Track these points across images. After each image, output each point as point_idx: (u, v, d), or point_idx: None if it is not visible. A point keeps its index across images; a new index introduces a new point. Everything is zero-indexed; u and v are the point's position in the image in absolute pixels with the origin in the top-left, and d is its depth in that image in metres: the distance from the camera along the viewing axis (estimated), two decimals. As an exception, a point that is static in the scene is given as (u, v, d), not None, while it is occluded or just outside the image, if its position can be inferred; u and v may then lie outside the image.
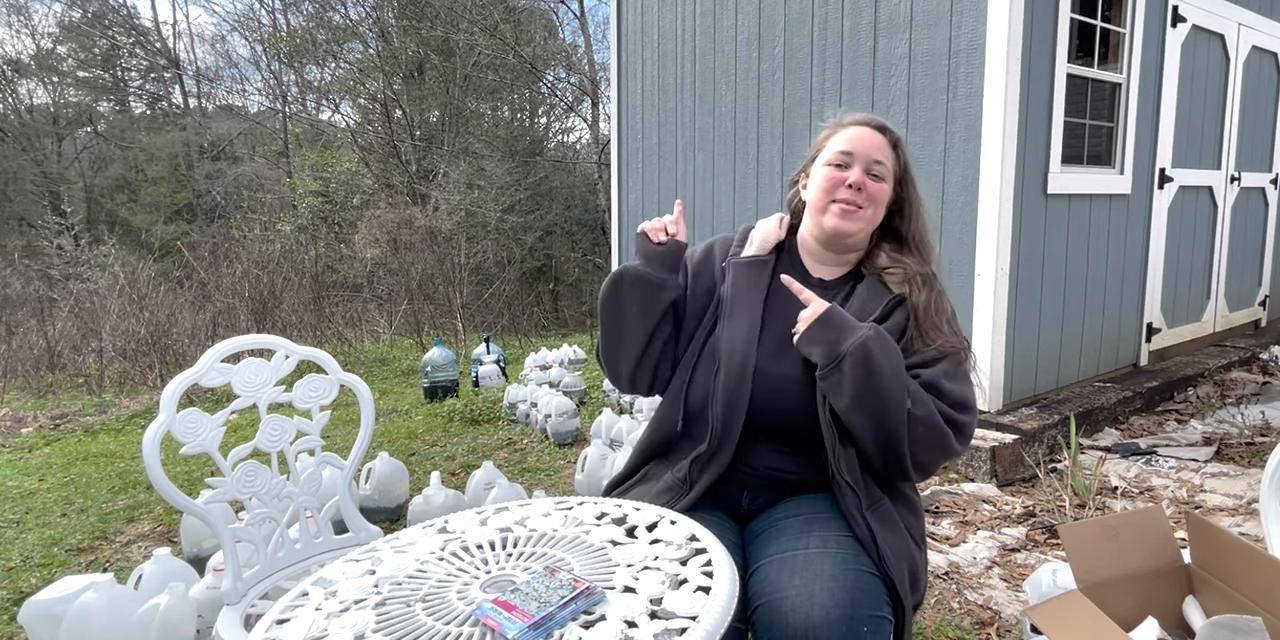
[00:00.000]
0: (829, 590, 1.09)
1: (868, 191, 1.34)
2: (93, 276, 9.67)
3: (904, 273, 1.35)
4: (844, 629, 1.05)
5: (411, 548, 1.18)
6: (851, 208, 1.33)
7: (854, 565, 1.15)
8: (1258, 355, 4.51)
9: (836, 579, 1.11)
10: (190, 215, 18.28)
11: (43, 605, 1.87)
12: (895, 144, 1.39)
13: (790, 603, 1.08)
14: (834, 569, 1.13)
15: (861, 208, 1.33)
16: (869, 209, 1.35)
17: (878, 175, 1.35)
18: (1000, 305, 3.23)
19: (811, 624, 1.05)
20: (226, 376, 1.61)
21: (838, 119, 1.45)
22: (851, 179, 1.33)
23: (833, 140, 1.39)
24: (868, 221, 1.36)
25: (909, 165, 1.42)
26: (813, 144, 1.47)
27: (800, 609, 1.07)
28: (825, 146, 1.40)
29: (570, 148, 17.79)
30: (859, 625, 1.06)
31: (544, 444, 3.87)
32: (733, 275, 1.40)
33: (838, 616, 1.05)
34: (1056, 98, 3.32)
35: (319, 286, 9.65)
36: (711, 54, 4.88)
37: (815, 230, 1.40)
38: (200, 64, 21.38)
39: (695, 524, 1.20)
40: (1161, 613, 1.42)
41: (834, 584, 1.10)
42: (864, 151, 1.35)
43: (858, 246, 1.41)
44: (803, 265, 1.44)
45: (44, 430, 5.09)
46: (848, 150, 1.35)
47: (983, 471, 2.98)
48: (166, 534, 2.93)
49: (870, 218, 1.36)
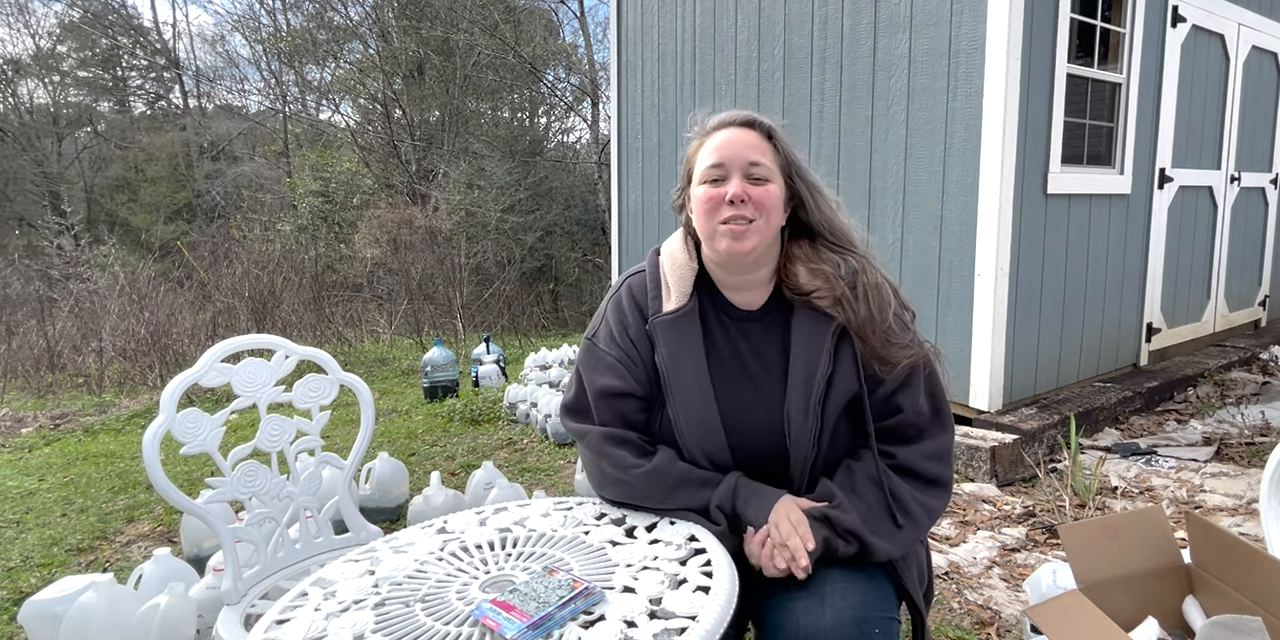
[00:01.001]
0: (840, 591, 1.09)
1: (754, 200, 1.18)
2: (93, 276, 9.67)
3: (830, 291, 1.20)
4: (855, 631, 1.04)
5: (411, 548, 1.18)
6: (741, 224, 1.18)
7: (860, 570, 1.15)
8: (1258, 355, 4.51)
9: (849, 582, 1.12)
10: (190, 215, 18.29)
11: (43, 605, 1.87)
12: (770, 134, 1.24)
13: (801, 604, 1.08)
14: (842, 571, 1.13)
15: (752, 220, 1.18)
16: (761, 219, 1.19)
17: (759, 178, 1.20)
18: (1000, 305, 3.23)
19: (824, 625, 1.04)
20: (226, 376, 1.61)
21: (701, 125, 1.29)
22: (730, 193, 1.18)
23: (701, 153, 1.24)
24: (763, 232, 1.20)
25: (790, 152, 1.25)
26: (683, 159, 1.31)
27: (811, 610, 1.07)
28: (695, 161, 1.26)
29: (570, 148, 17.81)
30: (870, 626, 1.06)
31: (544, 444, 3.87)
32: (662, 339, 1.23)
33: (849, 618, 1.05)
34: (1056, 98, 3.32)
35: (319, 286, 9.65)
36: (711, 54, 4.88)
37: (714, 257, 1.25)
38: (200, 64, 21.41)
39: (695, 524, 1.20)
40: (1161, 613, 1.42)
41: (845, 586, 1.10)
42: (737, 157, 1.20)
43: (768, 257, 1.26)
44: (723, 298, 1.29)
45: (44, 430, 5.09)
46: (718, 161, 1.20)
47: (983, 471, 2.98)
48: (166, 534, 2.93)
49: (765, 227, 1.20)
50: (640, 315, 1.28)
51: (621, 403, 1.26)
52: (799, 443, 1.21)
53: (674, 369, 1.23)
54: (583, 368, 1.31)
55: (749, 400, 1.23)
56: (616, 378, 1.26)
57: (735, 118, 1.26)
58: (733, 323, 1.27)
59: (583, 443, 1.30)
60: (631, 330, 1.27)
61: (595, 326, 1.33)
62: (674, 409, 1.23)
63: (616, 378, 1.26)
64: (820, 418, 1.20)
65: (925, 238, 3.43)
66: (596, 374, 1.28)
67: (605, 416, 1.27)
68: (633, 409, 1.27)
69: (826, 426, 1.22)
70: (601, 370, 1.27)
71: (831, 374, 1.20)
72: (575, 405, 1.32)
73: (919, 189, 3.43)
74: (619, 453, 1.24)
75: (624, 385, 1.25)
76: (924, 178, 3.40)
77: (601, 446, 1.26)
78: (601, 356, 1.28)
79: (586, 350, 1.32)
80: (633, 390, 1.26)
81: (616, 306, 1.31)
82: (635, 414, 1.27)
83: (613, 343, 1.28)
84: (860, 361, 1.21)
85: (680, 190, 1.32)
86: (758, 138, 1.23)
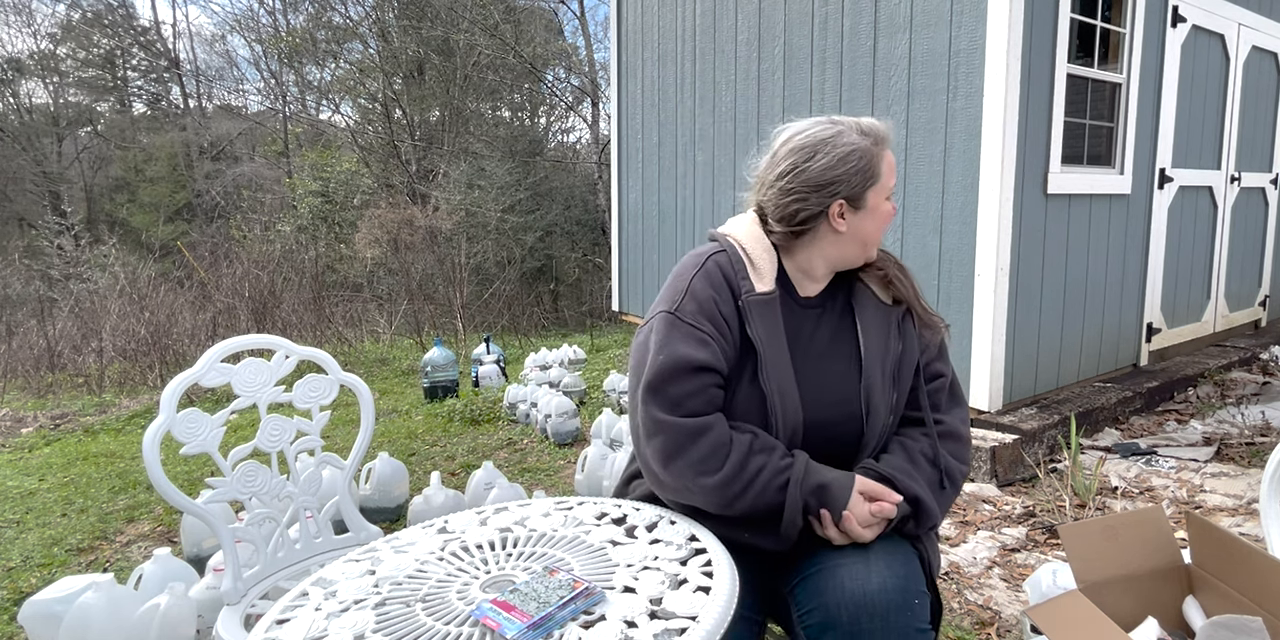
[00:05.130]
0: (884, 563, 1.15)
1: None
2: (93, 276, 9.68)
3: (881, 273, 1.37)
4: (900, 599, 1.10)
5: (411, 548, 1.18)
6: None
7: (900, 544, 1.22)
8: (1258, 355, 4.50)
9: (891, 553, 1.17)
10: (190, 215, 18.30)
11: (43, 605, 1.87)
12: None
13: (847, 569, 1.13)
14: (884, 544, 1.19)
15: None
16: None
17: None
18: (1000, 305, 3.23)
19: (869, 590, 1.10)
20: (226, 376, 1.61)
21: (876, 135, 1.30)
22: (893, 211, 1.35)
23: (884, 165, 1.30)
24: None
25: None
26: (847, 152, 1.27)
27: (859, 576, 1.12)
28: (881, 171, 1.30)
29: (570, 148, 17.82)
30: (912, 597, 1.11)
31: (544, 444, 3.87)
32: (757, 315, 1.28)
33: (895, 586, 1.11)
34: (1056, 98, 3.32)
35: (319, 286, 9.65)
36: (711, 54, 4.88)
37: (846, 259, 1.35)
38: (200, 64, 21.41)
39: (695, 524, 1.20)
40: (1161, 613, 1.42)
41: (889, 558, 1.16)
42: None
43: None
44: (793, 287, 1.36)
45: (44, 430, 5.09)
46: (894, 182, 1.34)
47: (983, 471, 2.98)
48: (166, 534, 2.93)
49: None
50: (731, 292, 1.29)
51: (706, 377, 1.24)
52: (878, 414, 1.30)
53: (767, 345, 1.28)
54: (665, 341, 1.25)
55: (821, 378, 1.32)
56: (705, 351, 1.24)
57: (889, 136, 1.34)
58: (800, 308, 1.36)
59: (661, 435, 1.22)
60: (724, 307, 1.27)
61: (676, 301, 1.28)
62: (767, 386, 1.26)
63: (705, 351, 1.24)
64: (895, 389, 1.32)
65: (925, 237, 3.43)
66: (684, 346, 1.24)
67: (685, 390, 1.23)
68: (714, 384, 1.26)
69: (901, 398, 1.33)
70: (690, 343, 1.24)
71: (901, 351, 1.33)
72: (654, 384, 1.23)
73: (919, 189, 3.43)
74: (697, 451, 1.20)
75: (712, 359, 1.24)
76: (924, 177, 3.40)
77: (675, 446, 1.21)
78: (689, 330, 1.25)
79: (668, 324, 1.27)
80: (719, 366, 1.25)
81: (705, 280, 1.29)
82: (716, 390, 1.26)
83: (701, 316, 1.26)
84: (915, 337, 1.35)
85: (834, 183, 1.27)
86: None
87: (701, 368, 1.23)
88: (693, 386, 1.22)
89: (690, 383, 1.22)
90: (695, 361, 1.23)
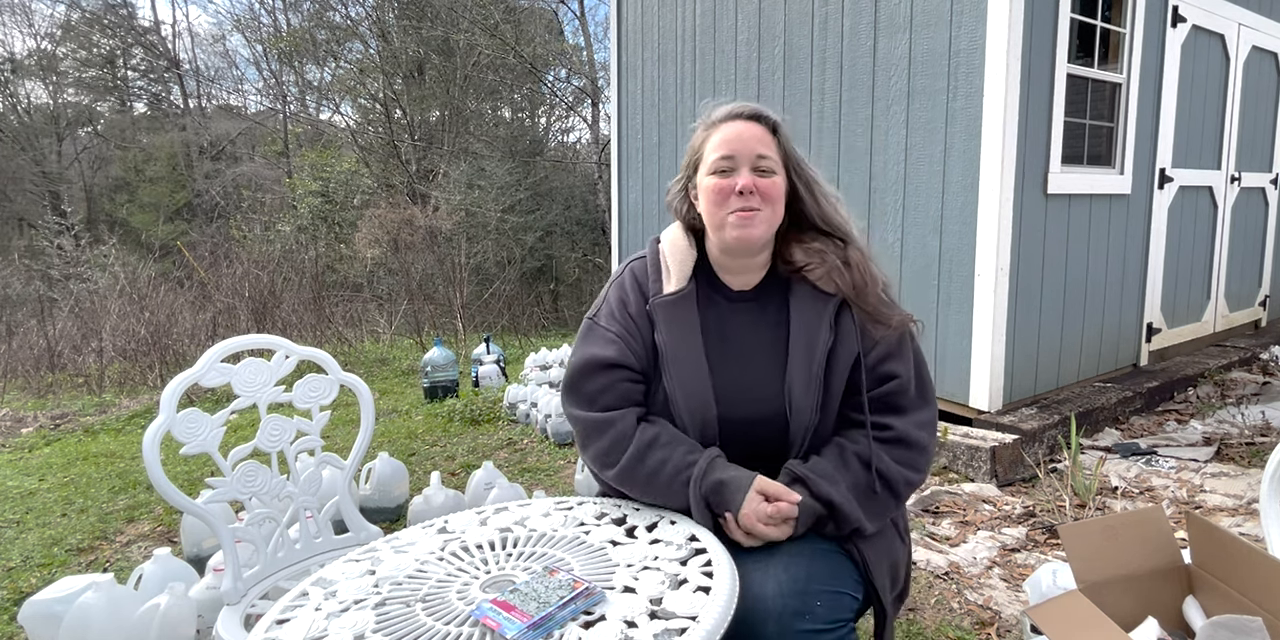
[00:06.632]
0: (783, 565, 1.13)
1: (760, 192, 1.25)
2: (93, 276, 9.68)
3: (821, 263, 1.28)
4: (797, 602, 1.07)
5: (411, 548, 1.18)
6: (748, 213, 1.25)
7: (812, 543, 1.20)
8: (1258, 355, 4.51)
9: (794, 555, 1.16)
10: (190, 215, 18.30)
11: (43, 605, 1.87)
12: (775, 129, 1.30)
13: (747, 572, 1.12)
14: (793, 546, 1.18)
15: (758, 210, 1.25)
16: (766, 209, 1.26)
17: (766, 170, 1.26)
18: (1000, 305, 3.23)
19: (765, 594, 1.08)
20: (226, 376, 1.61)
21: (707, 115, 1.33)
22: (740, 185, 1.24)
23: (710, 143, 1.30)
24: (769, 222, 1.27)
25: (791, 147, 1.32)
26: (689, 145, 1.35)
27: (757, 580, 1.11)
28: (704, 152, 1.31)
29: (570, 148, 17.82)
30: (812, 599, 1.09)
31: (544, 444, 3.87)
32: (662, 318, 1.30)
33: (790, 589, 1.09)
34: (1056, 98, 3.32)
35: (319, 286, 9.64)
36: (711, 54, 4.88)
37: (721, 245, 1.32)
38: (200, 64, 21.41)
39: (695, 524, 1.20)
40: (1161, 613, 1.42)
41: (789, 559, 1.15)
42: (746, 150, 1.26)
43: (767, 245, 1.34)
44: (720, 281, 1.36)
45: (44, 430, 5.08)
46: (728, 154, 1.26)
47: (983, 471, 2.97)
48: (166, 534, 2.93)
49: (770, 217, 1.27)
50: (641, 296, 1.34)
51: (615, 373, 1.30)
52: (801, 411, 1.26)
53: (672, 346, 1.29)
54: (580, 344, 1.36)
55: (742, 374, 1.30)
56: (612, 349, 1.30)
57: (743, 110, 1.30)
58: (728, 302, 1.34)
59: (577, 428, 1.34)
60: (632, 309, 1.34)
61: (596, 307, 1.40)
62: (670, 384, 1.28)
63: (612, 349, 1.30)
64: (823, 386, 1.27)
65: (925, 237, 3.43)
66: (593, 346, 1.33)
67: (596, 386, 1.30)
68: (624, 380, 1.31)
69: (831, 394, 1.27)
70: (599, 343, 1.33)
71: (833, 344, 1.27)
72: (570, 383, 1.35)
73: (919, 189, 3.43)
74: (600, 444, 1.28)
75: (619, 356, 1.30)
76: (924, 178, 3.40)
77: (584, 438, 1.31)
78: (600, 332, 1.34)
79: (586, 329, 1.37)
80: (628, 362, 1.30)
81: (619, 288, 1.38)
82: (628, 385, 1.31)
83: (612, 319, 1.34)
84: (859, 330, 1.27)
85: (682, 179, 1.38)
86: (764, 131, 1.29)
87: (610, 364, 1.30)
88: (603, 383, 1.30)
89: (600, 379, 1.30)
90: (602, 359, 1.30)
